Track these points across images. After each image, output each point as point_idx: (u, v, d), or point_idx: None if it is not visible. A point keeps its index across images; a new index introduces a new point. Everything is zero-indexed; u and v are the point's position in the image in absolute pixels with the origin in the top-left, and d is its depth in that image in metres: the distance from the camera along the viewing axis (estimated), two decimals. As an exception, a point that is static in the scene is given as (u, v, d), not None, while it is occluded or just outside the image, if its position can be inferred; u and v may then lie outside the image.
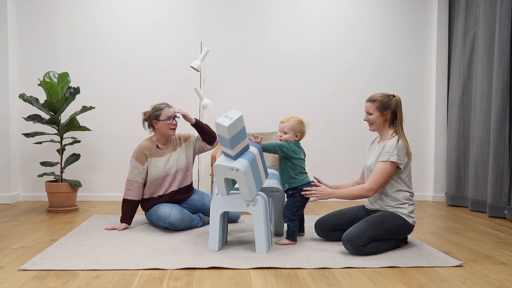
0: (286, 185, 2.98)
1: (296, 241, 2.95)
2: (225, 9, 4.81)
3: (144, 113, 3.45)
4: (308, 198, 2.93)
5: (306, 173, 3.02)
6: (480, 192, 4.26)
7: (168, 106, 3.42)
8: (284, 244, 2.91)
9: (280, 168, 3.02)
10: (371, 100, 2.92)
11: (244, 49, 4.84)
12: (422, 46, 5.00)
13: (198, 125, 3.46)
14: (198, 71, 4.40)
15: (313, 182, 2.99)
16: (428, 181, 5.04)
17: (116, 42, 4.73)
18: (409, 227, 2.83)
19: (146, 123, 3.45)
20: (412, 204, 2.87)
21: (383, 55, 4.97)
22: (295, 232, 2.94)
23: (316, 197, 2.81)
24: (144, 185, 3.40)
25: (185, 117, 3.42)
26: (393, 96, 2.91)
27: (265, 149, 2.90)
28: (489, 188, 4.06)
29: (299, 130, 3.00)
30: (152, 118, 3.40)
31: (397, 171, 2.81)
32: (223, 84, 4.82)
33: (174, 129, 3.41)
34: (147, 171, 3.37)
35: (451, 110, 4.81)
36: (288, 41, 4.87)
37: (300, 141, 3.06)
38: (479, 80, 4.30)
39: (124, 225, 3.32)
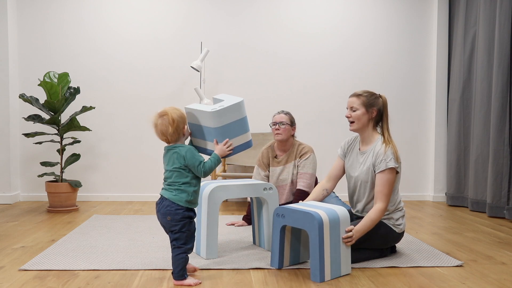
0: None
1: None
2: (225, 9, 4.81)
3: None
4: None
5: None
6: (480, 192, 4.26)
7: (278, 113, 3.42)
8: None
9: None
10: (356, 95, 2.63)
11: (244, 49, 4.84)
12: (422, 46, 5.00)
13: None
14: (198, 71, 4.41)
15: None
16: (428, 181, 5.05)
17: (116, 42, 4.73)
18: (395, 236, 2.60)
19: None
20: (401, 210, 2.62)
21: (383, 55, 4.97)
22: None
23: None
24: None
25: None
26: (379, 95, 2.64)
27: None
28: (488, 188, 4.06)
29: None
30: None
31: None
32: (223, 84, 4.82)
33: (277, 134, 3.38)
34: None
35: (451, 110, 4.81)
36: (289, 41, 4.87)
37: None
38: (479, 80, 4.30)
39: None
